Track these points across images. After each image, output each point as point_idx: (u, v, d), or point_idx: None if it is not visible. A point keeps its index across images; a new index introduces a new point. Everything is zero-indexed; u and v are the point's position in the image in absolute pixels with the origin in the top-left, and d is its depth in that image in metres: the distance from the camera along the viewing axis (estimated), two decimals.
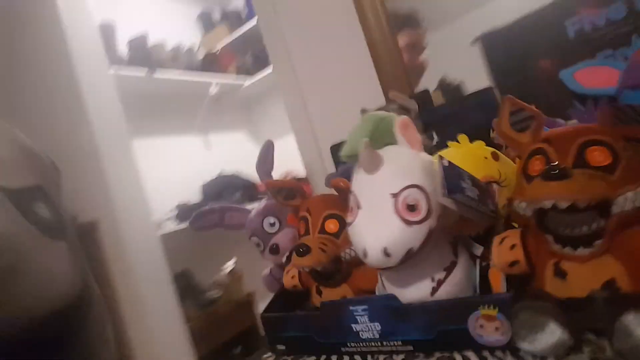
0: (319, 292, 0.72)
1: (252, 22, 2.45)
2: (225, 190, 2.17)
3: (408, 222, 0.50)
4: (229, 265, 2.03)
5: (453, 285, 0.56)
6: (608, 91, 0.65)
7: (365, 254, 0.51)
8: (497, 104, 0.59)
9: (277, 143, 0.86)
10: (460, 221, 0.55)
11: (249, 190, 2.21)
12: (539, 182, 0.44)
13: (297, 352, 0.69)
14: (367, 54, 1.03)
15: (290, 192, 0.73)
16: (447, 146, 0.70)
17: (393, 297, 0.57)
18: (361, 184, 0.53)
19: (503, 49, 0.88)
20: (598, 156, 0.43)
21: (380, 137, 0.55)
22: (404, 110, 0.83)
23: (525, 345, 0.47)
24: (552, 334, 0.44)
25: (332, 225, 0.68)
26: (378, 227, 0.50)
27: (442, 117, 0.87)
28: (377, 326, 0.59)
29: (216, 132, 2.57)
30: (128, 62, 1.96)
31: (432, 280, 0.56)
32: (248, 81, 2.58)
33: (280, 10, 1.29)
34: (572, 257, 0.45)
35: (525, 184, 0.49)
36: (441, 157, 0.53)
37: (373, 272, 0.67)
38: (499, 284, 0.55)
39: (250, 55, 2.61)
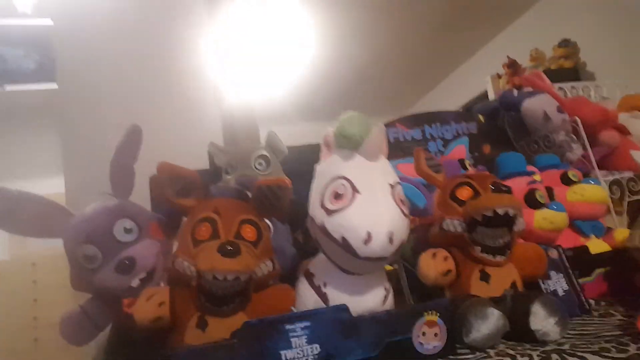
0: (202, 325, 0.53)
1: None
2: None
3: (404, 214, 0.51)
4: None
5: (392, 294, 0.57)
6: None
7: (368, 238, 0.46)
8: None
9: None
10: None
11: None
12: (491, 195, 0.57)
13: None
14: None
15: (187, 187, 0.56)
16: None
17: (344, 308, 0.51)
18: (358, 170, 0.51)
19: None
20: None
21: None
22: (277, 151, 0.83)
23: (471, 335, 0.52)
24: (495, 319, 0.53)
25: (250, 232, 0.55)
26: (382, 211, 0.48)
27: None
28: (315, 349, 0.49)
29: None
30: None
31: (384, 288, 0.55)
32: None
33: None
34: (493, 262, 0.58)
35: (457, 206, 0.60)
36: None
37: (278, 295, 0.58)
38: None
39: None
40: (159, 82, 1.12)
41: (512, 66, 3.52)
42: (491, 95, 3.68)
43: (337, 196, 0.50)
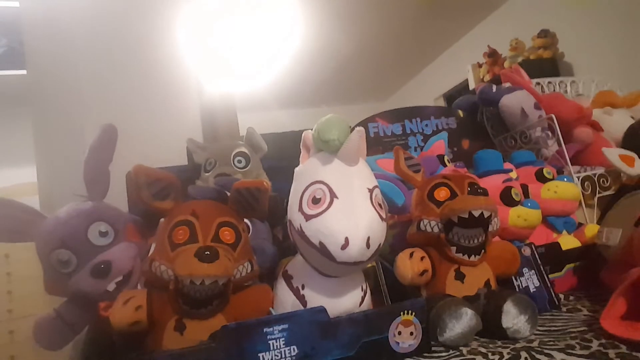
0: (180, 328, 0.53)
1: None
2: None
3: (381, 218, 0.51)
4: None
5: (369, 295, 0.58)
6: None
7: (345, 243, 0.47)
8: None
9: None
10: None
11: None
12: (467, 197, 0.58)
13: None
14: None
15: (164, 190, 0.55)
16: None
17: (322, 310, 0.52)
18: (336, 175, 0.51)
19: None
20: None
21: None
22: (256, 147, 0.82)
23: (445, 334, 0.54)
24: (468, 319, 0.54)
25: (228, 235, 0.55)
26: (359, 217, 0.48)
27: None
28: (292, 350, 0.50)
29: None
30: None
31: (362, 289, 0.56)
32: None
33: None
34: (468, 262, 0.60)
35: (434, 207, 0.61)
36: None
37: (257, 296, 0.58)
38: None
39: None
40: (136, 71, 1.09)
41: (493, 55, 3.55)
42: (472, 84, 3.71)
43: (315, 200, 0.50)
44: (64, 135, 1.02)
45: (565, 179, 0.83)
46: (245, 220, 0.68)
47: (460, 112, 1.09)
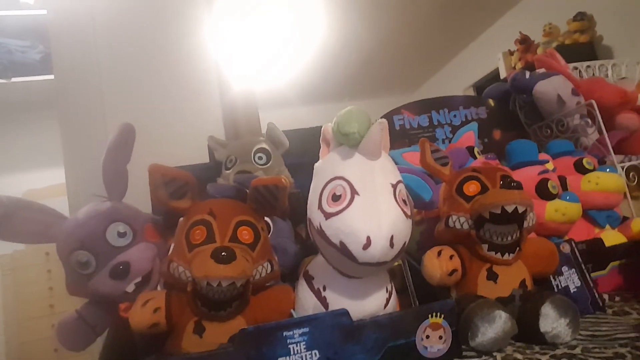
0: (199, 330, 0.51)
1: None
2: None
3: (406, 215, 0.48)
4: None
5: (395, 296, 0.55)
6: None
7: (367, 243, 0.44)
8: None
9: None
10: None
11: None
12: (499, 191, 0.55)
13: None
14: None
15: (181, 188, 0.54)
16: None
17: (345, 313, 0.49)
18: (357, 170, 0.48)
19: None
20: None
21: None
22: (277, 143, 0.81)
23: (477, 339, 0.50)
24: (502, 322, 0.50)
25: (246, 234, 0.54)
26: (382, 214, 0.45)
27: None
28: (314, 355, 0.48)
29: None
30: None
31: (386, 290, 0.53)
32: None
33: None
34: (501, 261, 0.56)
35: (464, 202, 0.58)
36: None
37: (278, 297, 0.57)
38: None
39: None
40: (158, 71, 1.09)
41: (525, 42, 3.39)
42: (502, 73, 3.57)
43: (335, 198, 0.47)
44: (89, 136, 1.04)
45: (607, 170, 0.77)
46: (266, 218, 0.66)
47: (491, 101, 1.04)
